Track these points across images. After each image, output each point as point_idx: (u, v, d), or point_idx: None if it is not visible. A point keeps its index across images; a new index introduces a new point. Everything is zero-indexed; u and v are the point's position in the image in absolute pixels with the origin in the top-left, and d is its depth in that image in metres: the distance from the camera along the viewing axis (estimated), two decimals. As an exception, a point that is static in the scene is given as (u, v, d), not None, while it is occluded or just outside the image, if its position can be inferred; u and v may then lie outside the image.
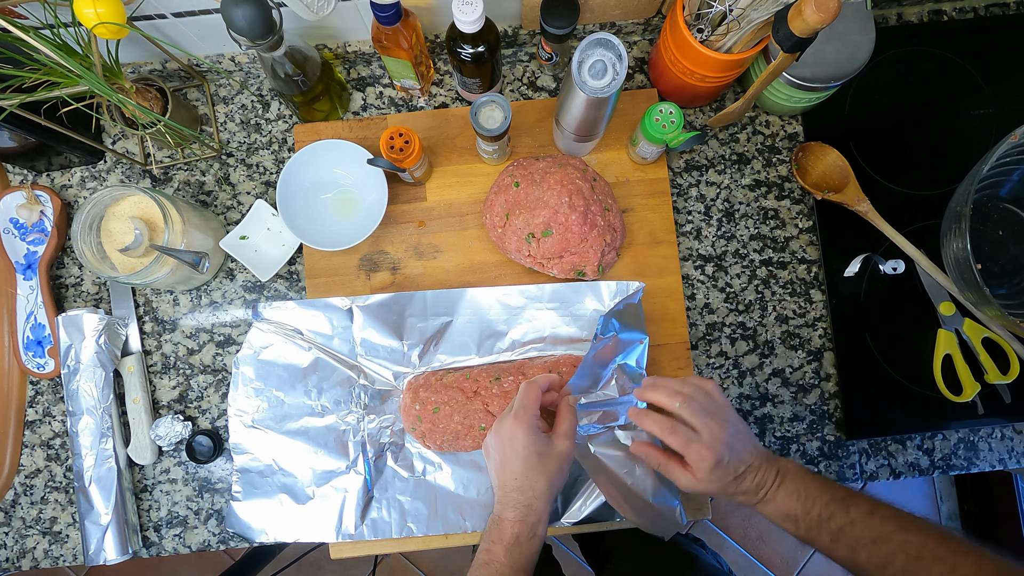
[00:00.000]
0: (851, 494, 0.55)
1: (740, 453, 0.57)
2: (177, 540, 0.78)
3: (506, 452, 0.58)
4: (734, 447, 0.56)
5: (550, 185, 0.71)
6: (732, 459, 0.56)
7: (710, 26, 0.66)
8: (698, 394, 0.59)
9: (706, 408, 0.58)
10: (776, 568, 1.63)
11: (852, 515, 0.54)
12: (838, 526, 0.54)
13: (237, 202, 0.82)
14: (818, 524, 0.55)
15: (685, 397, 0.58)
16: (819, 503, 0.55)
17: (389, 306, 0.74)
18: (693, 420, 0.57)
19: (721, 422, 0.57)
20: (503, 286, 0.75)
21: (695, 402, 0.58)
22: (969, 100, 0.81)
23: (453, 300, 0.74)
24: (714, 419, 0.57)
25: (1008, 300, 0.75)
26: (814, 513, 0.55)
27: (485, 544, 0.57)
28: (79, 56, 0.62)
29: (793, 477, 0.57)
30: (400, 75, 0.75)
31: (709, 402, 0.59)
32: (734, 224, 0.81)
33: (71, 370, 0.75)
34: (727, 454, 0.56)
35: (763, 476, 0.57)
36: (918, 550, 0.51)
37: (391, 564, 1.65)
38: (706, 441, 0.56)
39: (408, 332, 0.74)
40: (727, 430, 0.57)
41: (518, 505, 0.57)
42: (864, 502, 0.55)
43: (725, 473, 0.56)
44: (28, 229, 0.79)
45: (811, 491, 0.56)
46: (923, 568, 0.50)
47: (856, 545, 0.53)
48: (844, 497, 0.55)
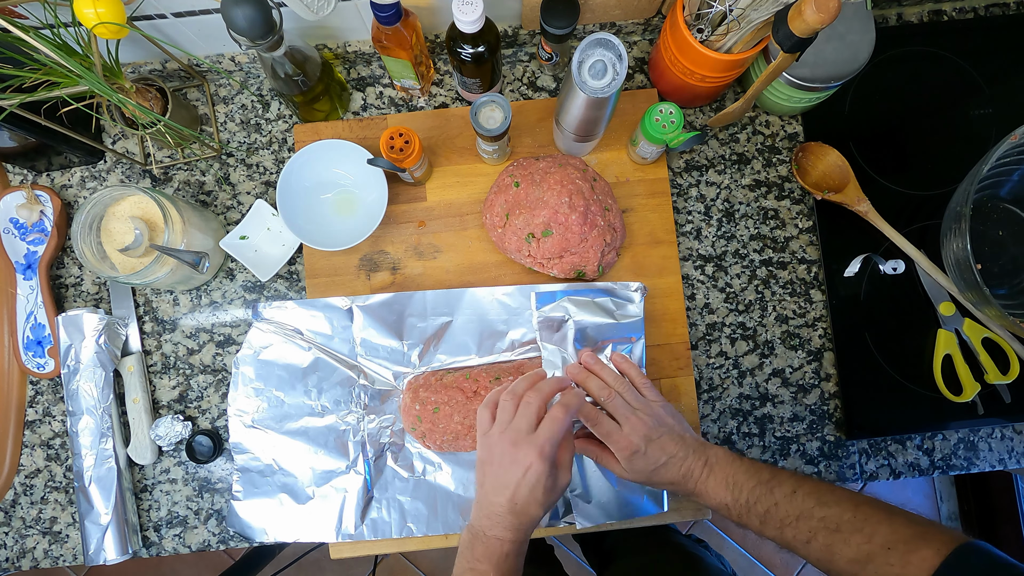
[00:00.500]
0: (775, 475, 0.58)
1: (661, 445, 0.61)
2: (177, 540, 0.78)
3: (514, 477, 0.56)
4: (652, 439, 0.60)
5: (550, 185, 0.71)
6: (650, 450, 0.60)
7: (710, 26, 0.66)
8: (626, 390, 0.64)
9: (630, 403, 0.63)
10: (776, 568, 1.63)
11: (776, 496, 0.57)
12: (764, 509, 0.57)
13: (237, 202, 0.82)
14: (747, 509, 0.58)
15: (610, 393, 0.63)
16: (746, 489, 0.58)
17: (389, 306, 0.74)
18: (616, 413, 0.62)
19: (643, 416, 0.61)
20: (503, 286, 0.75)
21: (619, 398, 0.63)
22: (969, 100, 0.81)
23: (453, 300, 0.74)
24: (635, 413, 0.62)
25: (1008, 300, 0.75)
26: (742, 499, 0.58)
27: (469, 562, 0.56)
28: (79, 56, 0.62)
29: (722, 466, 0.60)
30: (400, 75, 0.75)
31: (636, 398, 0.63)
32: (734, 224, 0.81)
33: (71, 370, 0.75)
34: (643, 445, 0.60)
35: (688, 467, 0.60)
36: (836, 522, 0.54)
37: (391, 564, 1.65)
38: (625, 432, 0.61)
39: (408, 332, 0.74)
40: (647, 423, 0.61)
41: (510, 527, 0.56)
42: (787, 482, 0.57)
43: (645, 463, 0.60)
44: (28, 229, 0.79)
45: (738, 478, 0.59)
46: (842, 539, 0.53)
47: (782, 525, 0.56)
48: (768, 480, 0.58)
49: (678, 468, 0.60)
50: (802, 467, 0.78)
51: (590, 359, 0.67)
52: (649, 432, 0.61)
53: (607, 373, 0.65)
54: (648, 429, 0.61)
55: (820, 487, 0.57)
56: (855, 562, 0.52)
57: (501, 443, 0.57)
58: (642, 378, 0.66)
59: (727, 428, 0.78)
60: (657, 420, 0.62)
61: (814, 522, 0.55)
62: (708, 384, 0.79)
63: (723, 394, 0.79)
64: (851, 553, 0.52)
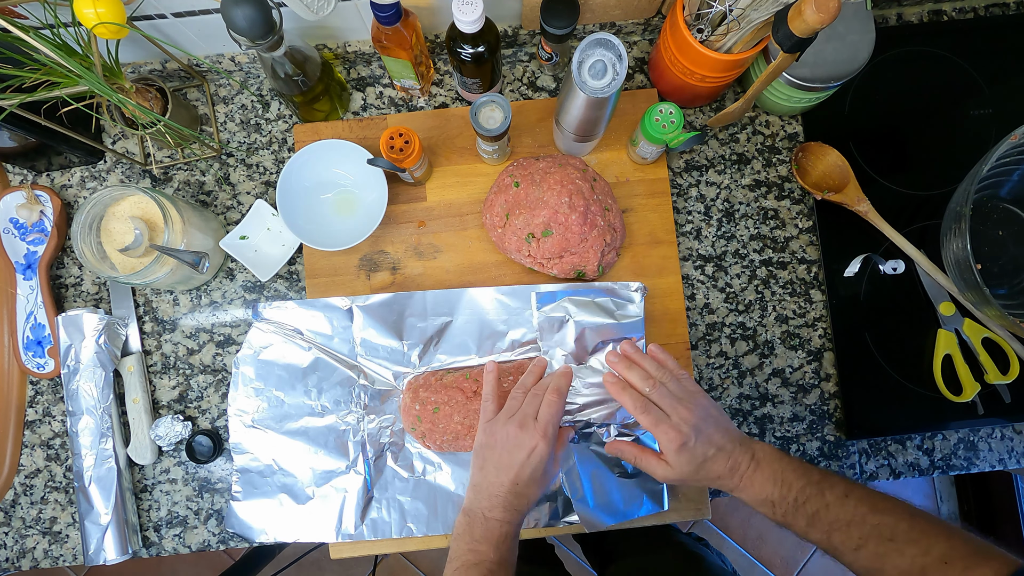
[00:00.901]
0: (826, 477, 0.56)
1: (709, 436, 0.58)
2: (177, 540, 0.78)
3: (518, 459, 0.59)
4: (701, 430, 0.58)
5: (550, 185, 0.71)
6: (699, 441, 0.57)
7: (710, 26, 0.66)
8: (670, 380, 0.61)
9: (675, 393, 0.60)
10: (776, 568, 1.63)
11: (827, 498, 0.55)
12: (813, 510, 0.55)
13: (237, 202, 0.82)
14: (794, 508, 0.55)
15: (656, 382, 0.61)
16: (795, 487, 0.56)
17: (389, 306, 0.74)
18: (662, 403, 0.60)
19: (689, 406, 0.59)
20: (503, 286, 0.75)
21: (664, 387, 0.61)
22: (969, 100, 0.81)
23: (453, 300, 0.74)
24: (682, 403, 0.59)
25: (1008, 300, 0.75)
26: (790, 498, 0.55)
27: (468, 544, 0.58)
28: (79, 56, 0.62)
29: (769, 461, 0.57)
30: (400, 75, 0.75)
31: (679, 388, 0.61)
32: (734, 224, 0.81)
33: (71, 370, 0.75)
34: (693, 436, 0.57)
35: (736, 460, 0.58)
36: (891, 532, 0.52)
37: (391, 564, 1.65)
38: (673, 423, 0.58)
39: (408, 332, 0.74)
40: (695, 413, 0.58)
41: (510, 508, 0.58)
42: (839, 484, 0.55)
43: (693, 456, 0.57)
44: (28, 229, 0.79)
45: (787, 475, 0.56)
46: (896, 549, 0.51)
47: (831, 528, 0.54)
48: (819, 480, 0.56)
49: (725, 461, 0.58)
50: (802, 467, 0.78)
51: (630, 348, 0.65)
52: (698, 422, 0.58)
53: (648, 363, 0.63)
54: (696, 419, 0.58)
55: (873, 494, 0.55)
56: (907, 574, 0.50)
57: (507, 427, 0.61)
58: (680, 369, 0.64)
59: (727, 428, 0.78)
60: (704, 411, 0.59)
61: (866, 529, 0.52)
62: (708, 384, 0.79)
63: (723, 394, 0.79)
64: (904, 564, 0.50)
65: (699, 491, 0.75)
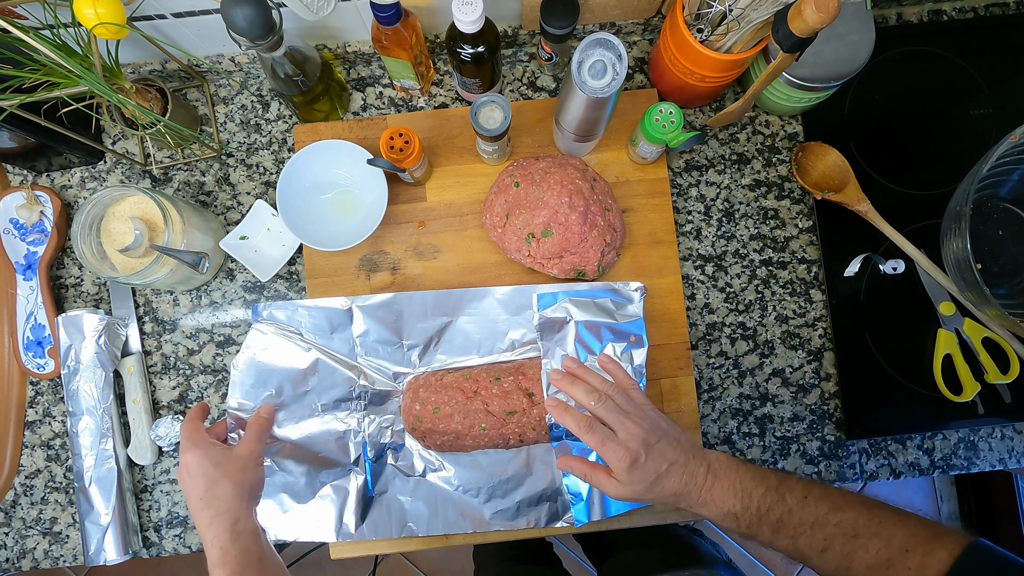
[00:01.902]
0: (783, 480, 0.55)
1: (661, 451, 0.55)
2: (177, 540, 0.78)
3: (186, 481, 0.60)
4: (651, 445, 0.55)
5: (550, 185, 0.71)
6: (651, 457, 0.55)
7: (710, 26, 0.66)
8: (616, 394, 0.59)
9: (622, 407, 0.58)
10: (776, 568, 1.63)
11: (788, 503, 0.53)
12: (777, 516, 0.53)
13: (237, 202, 0.82)
14: (758, 519, 0.54)
15: (601, 396, 0.58)
16: (756, 496, 0.54)
17: (389, 306, 0.74)
18: (608, 418, 0.57)
19: (638, 420, 0.56)
20: (503, 286, 0.75)
21: (611, 401, 0.58)
22: (969, 100, 0.81)
23: (453, 301, 0.74)
24: (629, 417, 0.56)
25: (1008, 300, 0.75)
26: (752, 507, 0.54)
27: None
28: (79, 56, 0.62)
29: (726, 472, 0.55)
30: (400, 75, 0.75)
31: (626, 401, 0.59)
32: (734, 224, 0.81)
33: (71, 370, 0.75)
34: (643, 452, 0.54)
35: (691, 473, 0.55)
36: (853, 528, 0.52)
37: (391, 564, 1.65)
38: (621, 439, 0.55)
39: (408, 332, 0.74)
40: (644, 427, 0.56)
41: (212, 522, 0.57)
42: (796, 486, 0.54)
43: (645, 473, 0.54)
44: (28, 229, 0.79)
45: (746, 484, 0.54)
46: (861, 546, 0.51)
47: (795, 533, 0.53)
48: (778, 485, 0.54)
49: (680, 476, 0.55)
50: (802, 467, 0.78)
51: (572, 364, 0.64)
52: (647, 436, 0.55)
53: (593, 377, 0.61)
54: (646, 433, 0.55)
55: (829, 491, 0.54)
56: (874, 568, 0.50)
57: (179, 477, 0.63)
58: (629, 380, 0.62)
59: (727, 428, 0.78)
60: (652, 424, 0.57)
61: (830, 528, 0.52)
62: (708, 384, 0.79)
63: (723, 394, 0.79)
64: (870, 559, 0.51)
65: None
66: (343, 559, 0.76)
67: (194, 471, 0.59)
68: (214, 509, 0.57)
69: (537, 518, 0.72)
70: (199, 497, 0.58)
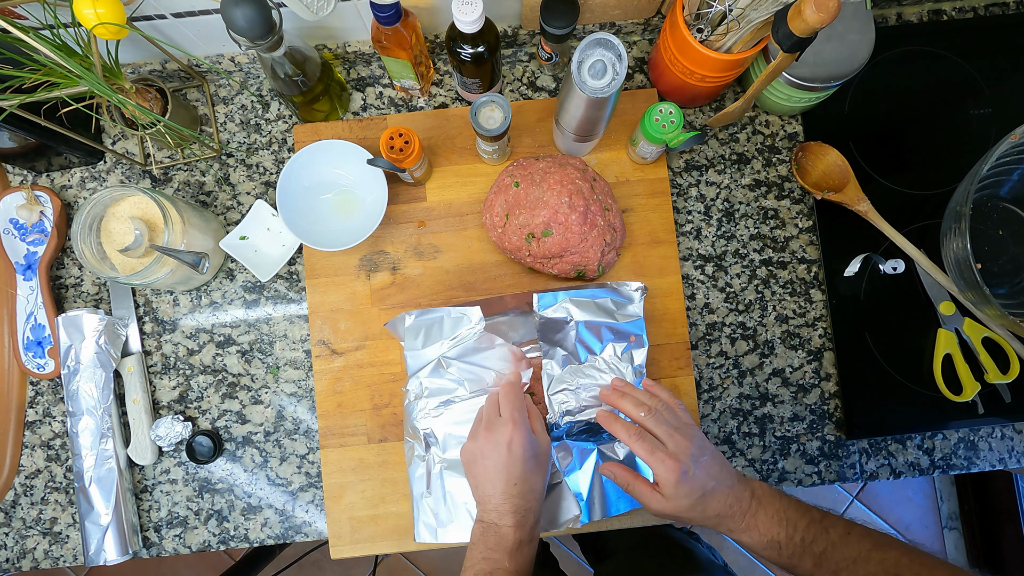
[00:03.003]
0: (826, 515, 0.55)
1: (708, 468, 0.55)
2: (177, 540, 0.78)
3: (504, 458, 0.58)
4: (699, 461, 0.55)
5: (550, 185, 0.71)
6: (698, 473, 0.54)
7: (710, 26, 0.66)
8: (664, 409, 0.59)
9: (670, 421, 0.58)
10: (776, 568, 1.63)
11: (832, 537, 0.53)
12: (820, 549, 0.53)
13: (237, 202, 0.82)
14: (802, 549, 0.53)
15: (650, 409, 0.59)
16: (800, 527, 0.53)
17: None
18: (658, 430, 0.57)
19: (686, 436, 0.56)
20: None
21: (660, 415, 0.58)
22: (969, 100, 0.81)
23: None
24: (679, 431, 0.56)
25: (1008, 300, 0.75)
26: (797, 538, 0.53)
27: (483, 553, 0.56)
28: (79, 56, 0.62)
29: (770, 500, 0.55)
30: (400, 75, 0.75)
31: (674, 417, 0.59)
32: (734, 224, 0.81)
33: (71, 370, 0.75)
34: (692, 466, 0.54)
35: (736, 498, 0.55)
36: (895, 567, 0.51)
37: (391, 564, 1.65)
38: (671, 451, 0.55)
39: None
40: (693, 442, 0.56)
41: (517, 511, 0.57)
42: (839, 522, 0.54)
43: (692, 489, 0.54)
44: (28, 229, 0.79)
45: (791, 514, 0.54)
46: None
47: (838, 568, 0.52)
48: (821, 519, 0.54)
49: (725, 497, 0.54)
50: (802, 467, 0.78)
51: (620, 383, 0.64)
52: (696, 452, 0.55)
53: (640, 394, 0.61)
54: (695, 448, 0.55)
55: (871, 530, 0.54)
56: None
57: (477, 439, 0.60)
58: (675, 400, 0.62)
59: (727, 428, 0.78)
60: (701, 441, 0.56)
61: (872, 566, 0.51)
62: (708, 384, 0.79)
63: (723, 394, 0.79)
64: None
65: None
66: (343, 559, 0.76)
67: (518, 452, 0.57)
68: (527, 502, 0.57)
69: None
70: (514, 483, 0.56)
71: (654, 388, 0.64)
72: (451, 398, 0.70)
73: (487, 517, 0.58)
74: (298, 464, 0.79)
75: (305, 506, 0.78)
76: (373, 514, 0.75)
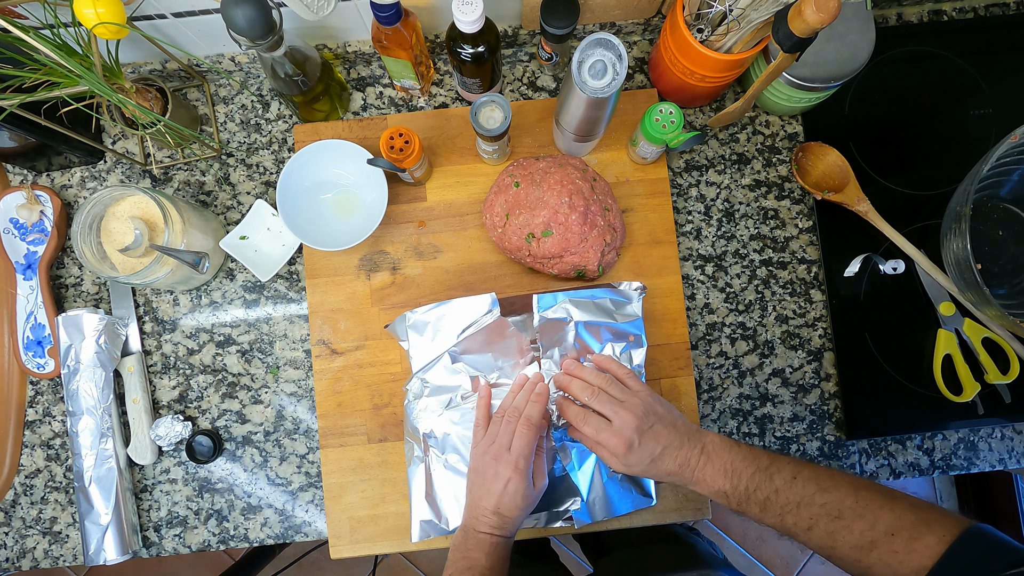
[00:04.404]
0: (774, 460, 0.58)
1: (655, 435, 0.59)
2: (177, 540, 0.78)
3: (496, 489, 0.61)
4: (644, 430, 0.59)
5: (550, 185, 0.71)
6: (644, 441, 0.59)
7: (710, 26, 0.66)
8: (610, 385, 0.62)
9: (617, 398, 0.61)
10: (776, 568, 1.63)
11: (775, 483, 0.56)
12: (764, 496, 0.56)
13: (237, 202, 0.82)
14: (746, 497, 0.57)
15: (594, 391, 0.62)
16: (744, 476, 0.57)
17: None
18: (603, 409, 0.61)
19: (631, 408, 0.60)
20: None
21: (604, 394, 0.62)
22: (969, 100, 0.81)
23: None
24: (623, 406, 0.60)
25: (1008, 300, 0.75)
26: (741, 487, 0.57)
27: (462, 553, 0.60)
28: (79, 56, 0.62)
29: (719, 452, 0.59)
30: (400, 75, 0.75)
31: (621, 391, 0.62)
32: (734, 224, 0.81)
33: (71, 370, 0.75)
34: (636, 439, 0.59)
35: (685, 455, 0.59)
36: (838, 509, 0.53)
37: (391, 564, 1.65)
38: (615, 428, 0.59)
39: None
40: (637, 414, 0.59)
41: (497, 526, 0.61)
42: (786, 467, 0.57)
43: (640, 458, 0.59)
44: (28, 229, 0.79)
45: (736, 465, 0.58)
46: (845, 527, 0.53)
47: (782, 512, 0.55)
48: (768, 466, 0.57)
49: (674, 457, 0.59)
50: (802, 467, 0.78)
51: (570, 364, 0.67)
52: (640, 423, 0.59)
53: (588, 373, 0.64)
54: (638, 420, 0.59)
55: (819, 472, 0.56)
56: (858, 548, 0.52)
57: (486, 458, 0.63)
58: (624, 370, 0.65)
59: (727, 428, 0.78)
60: (646, 409, 0.60)
61: (815, 509, 0.54)
62: (708, 384, 0.79)
63: (723, 394, 0.79)
64: (854, 540, 0.52)
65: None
66: (343, 559, 0.76)
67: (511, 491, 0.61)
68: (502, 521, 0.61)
69: (538, 518, 0.72)
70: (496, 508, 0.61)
71: (604, 362, 0.67)
72: (453, 397, 0.70)
73: (471, 523, 0.62)
74: (298, 464, 0.79)
75: (305, 506, 0.78)
76: (373, 514, 0.75)
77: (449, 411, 0.71)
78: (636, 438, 0.59)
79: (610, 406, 0.61)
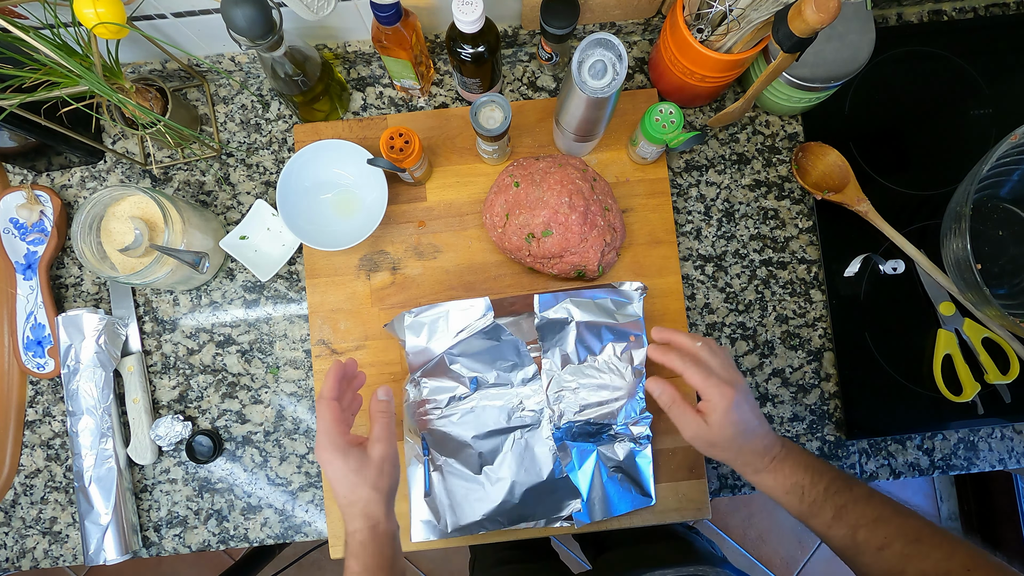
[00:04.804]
0: (851, 477, 0.56)
1: (754, 407, 0.56)
2: (177, 540, 0.78)
3: (327, 477, 0.58)
4: (749, 398, 0.56)
5: (550, 185, 0.71)
6: (747, 408, 0.55)
7: (710, 26, 0.66)
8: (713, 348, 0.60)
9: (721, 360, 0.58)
10: (776, 568, 1.63)
11: (855, 494, 0.54)
12: (842, 502, 0.54)
13: (237, 202, 0.82)
14: (824, 498, 0.54)
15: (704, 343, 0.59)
16: (825, 478, 0.55)
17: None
18: (712, 361, 0.57)
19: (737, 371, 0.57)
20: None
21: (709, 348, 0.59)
22: (969, 100, 0.81)
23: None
24: (731, 366, 0.58)
25: (1008, 300, 0.75)
26: (821, 487, 0.54)
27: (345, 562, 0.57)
28: (79, 56, 0.62)
29: (799, 452, 0.57)
30: (400, 75, 0.75)
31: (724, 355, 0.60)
32: (734, 224, 0.81)
33: (71, 370, 0.75)
34: (744, 398, 0.55)
35: (771, 441, 0.56)
36: (916, 533, 0.51)
37: (391, 564, 1.65)
38: (726, 378, 0.55)
39: None
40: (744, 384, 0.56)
41: (355, 516, 0.57)
42: (862, 485, 0.55)
43: (738, 420, 0.54)
44: (28, 229, 0.79)
45: (817, 466, 0.56)
46: (921, 552, 0.51)
47: (857, 524, 0.53)
48: (846, 478, 0.55)
49: (763, 438, 0.56)
50: (802, 467, 0.78)
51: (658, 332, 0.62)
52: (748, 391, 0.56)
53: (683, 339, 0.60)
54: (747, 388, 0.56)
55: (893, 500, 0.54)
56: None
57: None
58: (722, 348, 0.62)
59: (727, 428, 0.78)
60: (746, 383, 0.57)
61: (892, 528, 0.52)
62: (708, 384, 0.79)
63: (723, 394, 0.79)
64: (928, 567, 0.50)
65: (699, 490, 0.75)
66: (343, 559, 0.76)
67: (332, 475, 0.57)
68: (357, 510, 0.56)
69: (538, 519, 0.72)
70: (343, 497, 0.57)
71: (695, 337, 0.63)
72: (452, 396, 0.71)
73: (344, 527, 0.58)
74: (298, 464, 0.79)
75: (305, 506, 0.78)
76: (373, 514, 0.75)
77: (448, 411, 0.71)
78: (744, 399, 0.55)
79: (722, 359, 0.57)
